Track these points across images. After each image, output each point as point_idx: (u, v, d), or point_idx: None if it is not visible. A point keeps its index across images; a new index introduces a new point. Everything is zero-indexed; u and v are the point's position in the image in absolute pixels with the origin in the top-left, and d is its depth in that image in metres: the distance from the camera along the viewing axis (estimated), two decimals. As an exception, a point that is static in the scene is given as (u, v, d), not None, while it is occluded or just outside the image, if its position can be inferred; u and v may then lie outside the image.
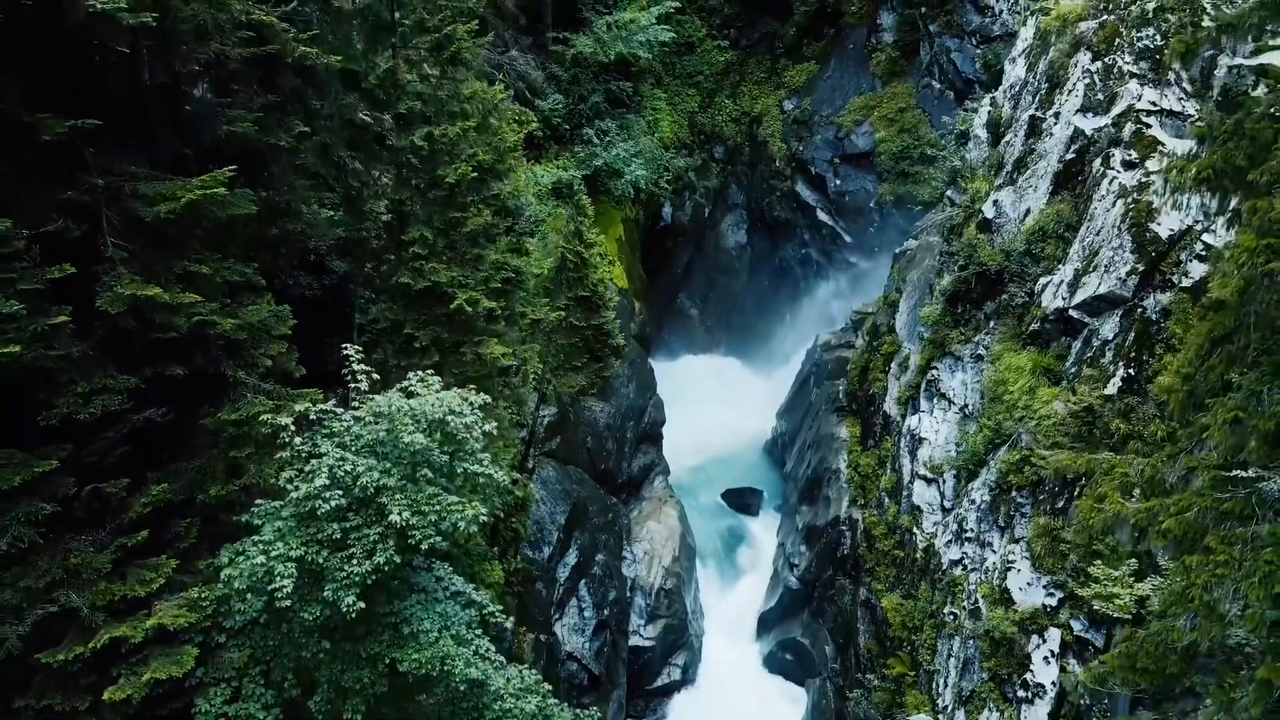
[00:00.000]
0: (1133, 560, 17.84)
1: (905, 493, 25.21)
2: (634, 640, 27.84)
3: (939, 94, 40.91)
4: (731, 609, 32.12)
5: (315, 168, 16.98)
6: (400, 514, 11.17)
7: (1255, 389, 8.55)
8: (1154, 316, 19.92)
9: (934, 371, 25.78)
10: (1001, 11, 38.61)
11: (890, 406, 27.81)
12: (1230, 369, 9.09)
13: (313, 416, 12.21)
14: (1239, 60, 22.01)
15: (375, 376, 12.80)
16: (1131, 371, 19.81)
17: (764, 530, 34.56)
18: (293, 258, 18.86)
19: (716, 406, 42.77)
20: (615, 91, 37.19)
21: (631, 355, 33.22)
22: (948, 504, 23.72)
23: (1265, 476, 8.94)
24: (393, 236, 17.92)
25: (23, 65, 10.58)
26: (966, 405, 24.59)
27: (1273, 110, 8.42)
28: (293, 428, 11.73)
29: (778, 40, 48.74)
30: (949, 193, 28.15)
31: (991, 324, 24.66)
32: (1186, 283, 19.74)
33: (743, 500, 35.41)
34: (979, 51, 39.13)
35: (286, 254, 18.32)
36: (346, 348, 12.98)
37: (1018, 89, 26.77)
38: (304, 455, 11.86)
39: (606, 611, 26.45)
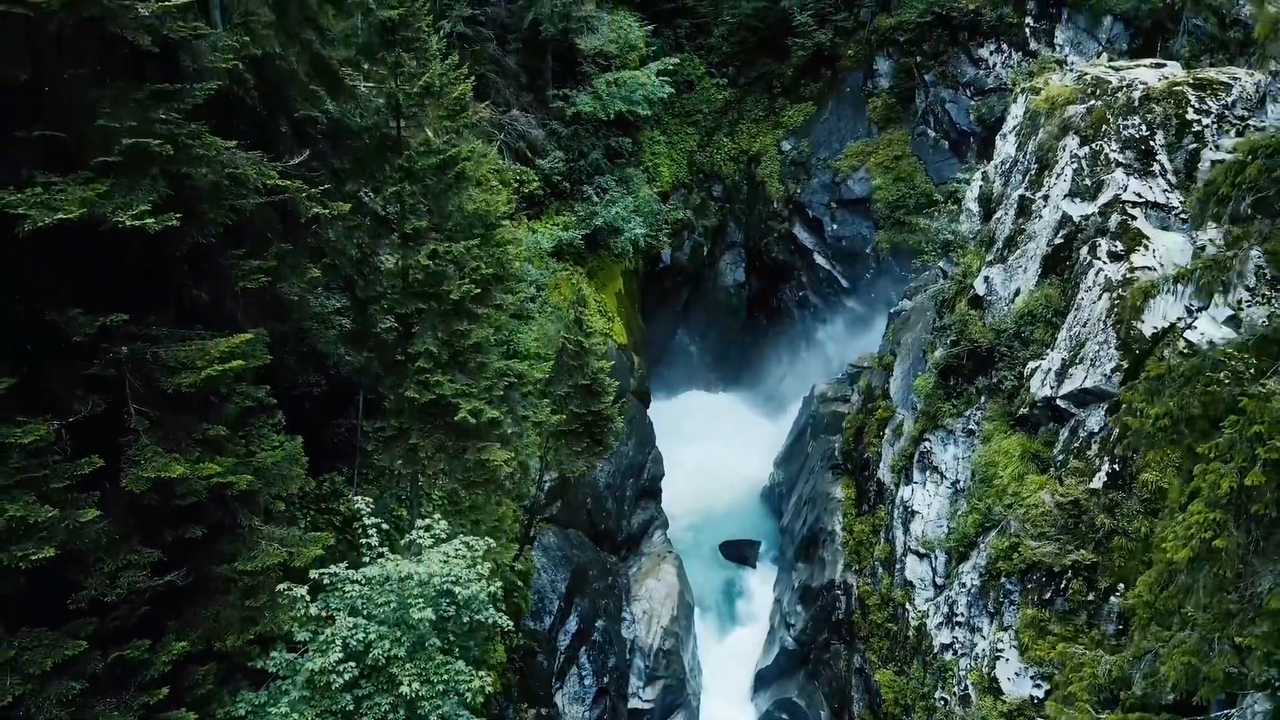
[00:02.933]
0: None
1: (898, 565, 25.79)
2: (633, 703, 28.43)
3: (934, 143, 41.50)
4: (728, 663, 32.70)
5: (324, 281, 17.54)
6: (410, 685, 11.75)
7: (1206, 636, 9.10)
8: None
9: (926, 443, 26.33)
10: (995, 65, 39.18)
11: (884, 474, 28.38)
12: (1186, 601, 9.67)
13: (326, 582, 12.78)
14: (1221, 154, 22.60)
15: (385, 527, 13.37)
16: (1116, 467, 20.36)
17: (761, 583, 35.15)
18: (302, 364, 19.50)
19: (715, 445, 43.41)
20: (615, 147, 37.70)
21: (631, 411, 33.80)
22: (939, 580, 24.30)
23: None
24: (399, 347, 18.46)
25: (52, 266, 11.12)
26: (958, 481, 25.15)
27: (1222, 376, 8.91)
28: (307, 598, 12.30)
29: (775, 80, 49.31)
30: (941, 263, 28.70)
31: (983, 399, 25.21)
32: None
33: (740, 552, 36.00)
34: (973, 103, 39.72)
35: (296, 363, 18.96)
36: (357, 499, 13.55)
37: (1008, 166, 27.31)
38: (317, 616, 12.43)
39: (606, 678, 27.04)
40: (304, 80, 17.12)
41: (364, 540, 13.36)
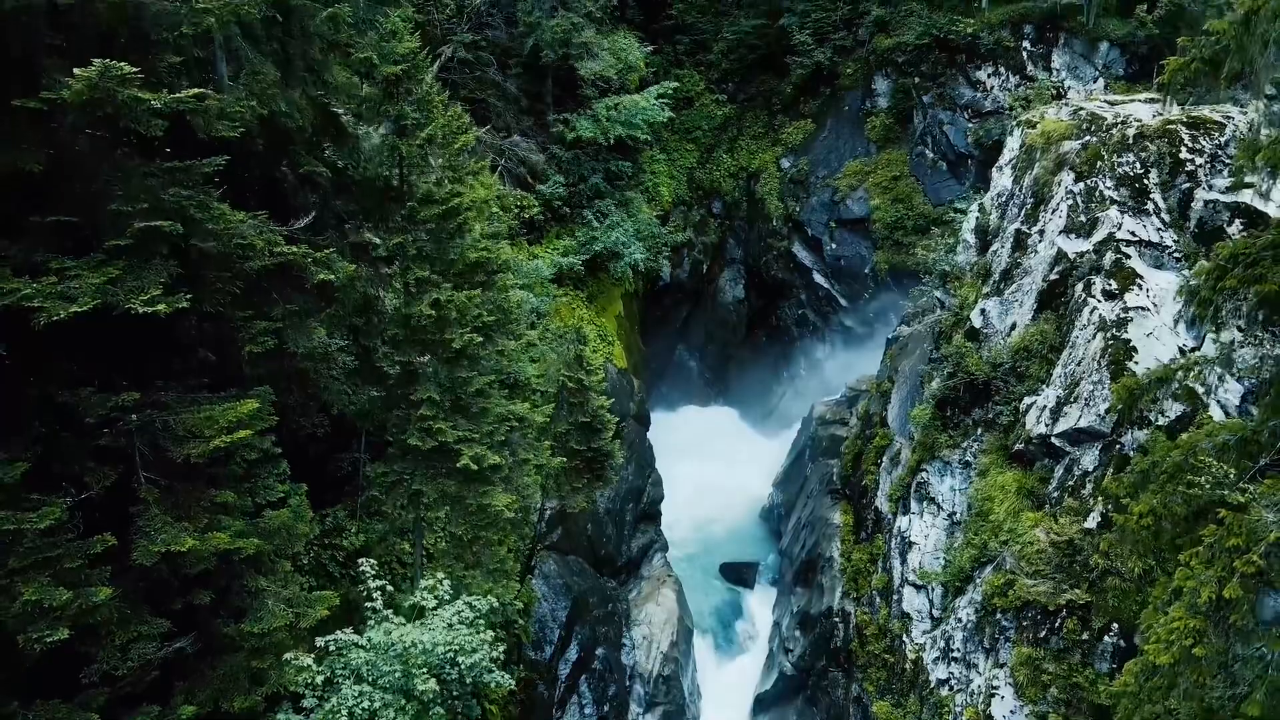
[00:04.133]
0: None
1: (896, 596, 26.05)
2: (633, 729, 28.70)
3: (932, 163, 41.72)
4: (728, 686, 32.95)
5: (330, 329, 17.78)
6: (414, 754, 12.06)
7: (1190, 733, 9.45)
8: (1131, 453, 20.71)
9: (923, 474, 26.59)
10: (993, 88, 39.40)
11: (882, 502, 28.63)
12: (1169, 695, 9.94)
13: (331, 650, 13.04)
14: (1214, 195, 22.88)
15: (390, 588, 13.63)
16: (1110, 508, 20.61)
17: (760, 605, 35.40)
18: (305, 406, 19.73)
19: (714, 462, 43.63)
20: (615, 170, 37.94)
21: (630, 435, 34.07)
22: (936, 613, 24.55)
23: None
24: (401, 392, 18.72)
25: (65, 348, 11.36)
26: (955, 513, 25.41)
27: (1203, 480, 9.15)
28: (314, 666, 12.57)
29: (775, 97, 49.56)
30: (938, 293, 28.95)
31: (979, 431, 25.48)
32: (1163, 421, 20.55)
33: (740, 574, 36.27)
34: (971, 125, 39.92)
35: (298, 404, 19.20)
36: (362, 562, 13.81)
37: (1004, 199, 27.56)
38: (324, 683, 12.70)
39: (606, 707, 27.29)
40: (309, 134, 17.36)
41: (368, 604, 13.61)
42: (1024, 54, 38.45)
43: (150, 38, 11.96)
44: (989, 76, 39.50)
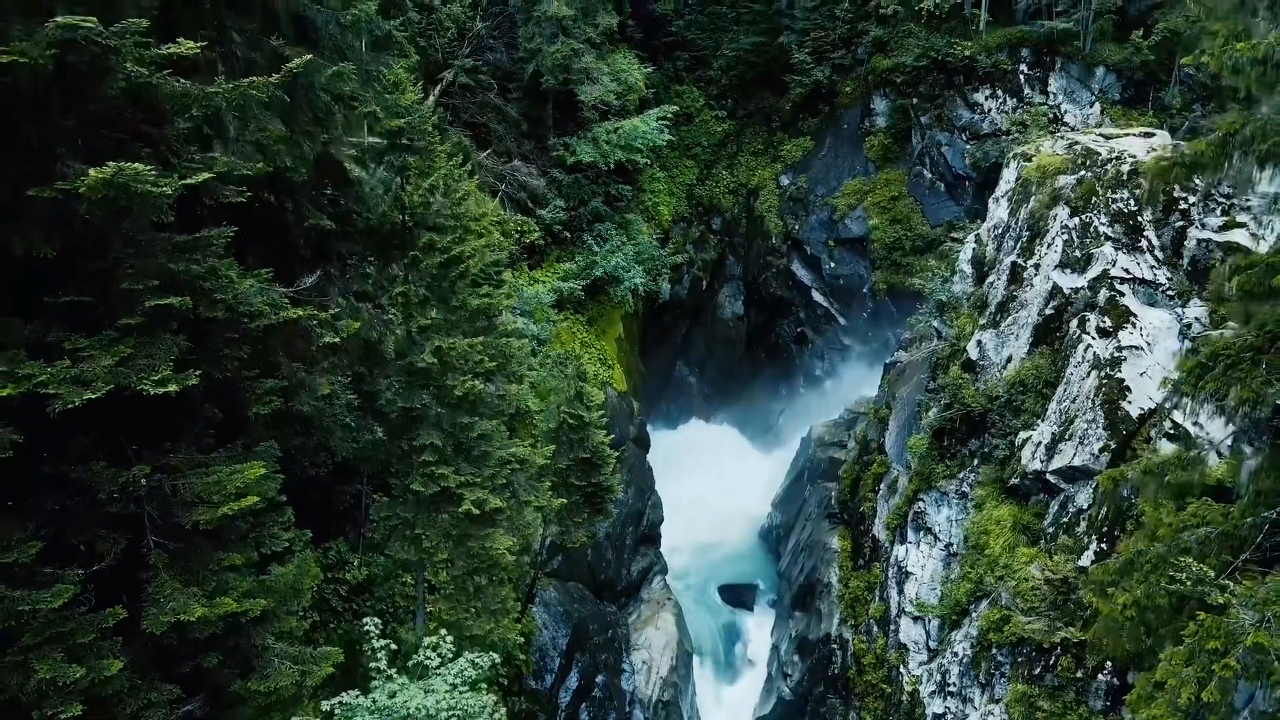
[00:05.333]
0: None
1: (893, 626, 26.31)
2: (633, 756, 28.96)
3: (930, 184, 41.97)
4: (727, 710, 33.25)
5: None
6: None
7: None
8: (1125, 492, 20.96)
9: (920, 503, 26.85)
10: (990, 110, 39.65)
11: (879, 530, 28.89)
12: None
13: (337, 713, 13.30)
14: (1208, 234, 23.13)
15: (394, 647, 13.90)
16: (1104, 546, 20.88)
17: (759, 627, 35.69)
18: (307, 449, 20.00)
19: (715, 480, 43.98)
20: (614, 194, 38.20)
21: (630, 459, 34.33)
22: (933, 645, 24.82)
23: None
24: (403, 437, 18.96)
25: (80, 427, 11.60)
26: (951, 543, 25.67)
27: (1183, 577, 9.40)
28: (321, 729, 12.87)
29: (774, 114, 49.83)
30: (935, 322, 29.20)
31: (976, 462, 25.73)
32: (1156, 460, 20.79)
33: (739, 596, 36.56)
34: (968, 147, 40.17)
35: (302, 449, 19.46)
36: (366, 621, 14.07)
37: (1001, 231, 27.81)
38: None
39: (606, 734, 27.58)
40: (313, 187, 17.62)
41: (373, 664, 13.88)
42: (1021, 77, 38.70)
43: (162, 113, 12.21)
44: (986, 99, 39.75)
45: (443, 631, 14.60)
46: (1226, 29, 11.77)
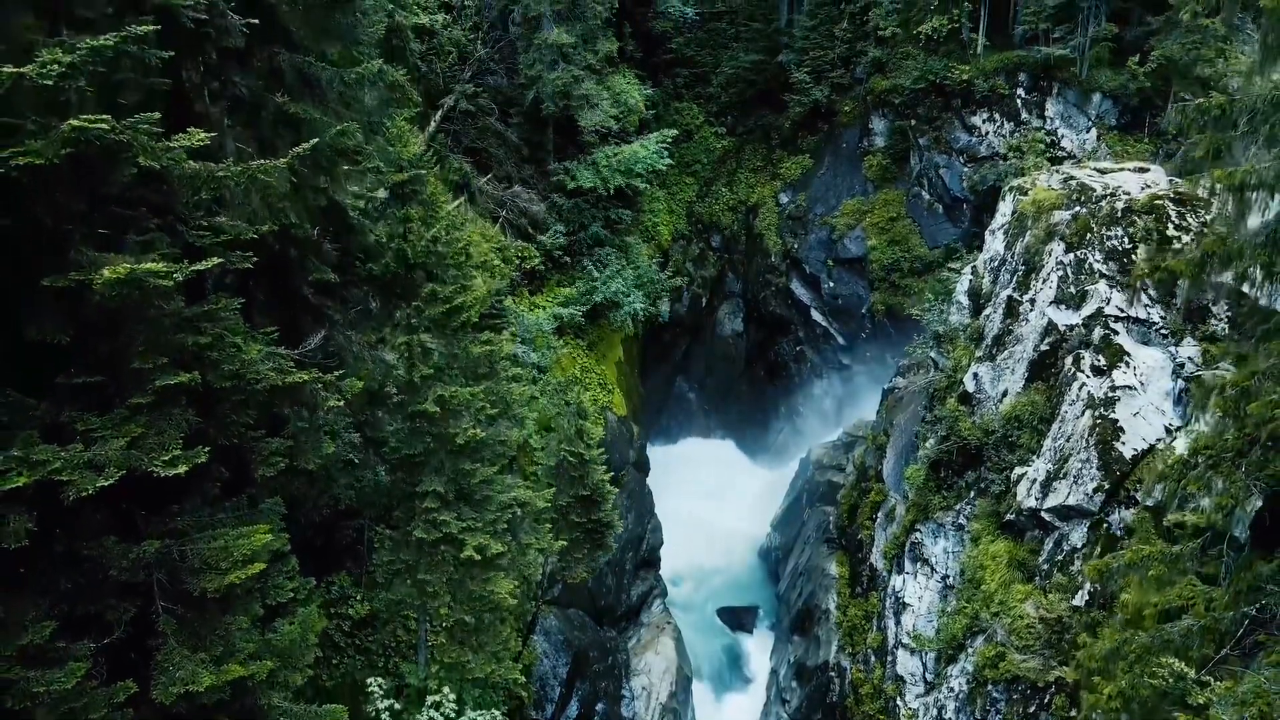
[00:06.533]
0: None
1: (890, 657, 26.58)
2: (633, 782, 29.23)
3: (928, 205, 42.19)
4: (727, 733, 33.53)
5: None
6: None
7: None
8: (1119, 533, 21.25)
9: (917, 534, 27.11)
10: (988, 133, 39.88)
11: (877, 558, 29.16)
12: None
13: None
14: (1202, 274, 23.35)
15: (398, 708, 14.18)
16: (1098, 586, 21.14)
17: (758, 649, 35.95)
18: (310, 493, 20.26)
19: (714, 498, 44.27)
20: (614, 218, 38.45)
21: (630, 484, 34.60)
22: (929, 677, 25.08)
23: None
24: (406, 483, 19.22)
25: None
26: (948, 576, 25.93)
27: (1165, 674, 9.67)
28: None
29: (773, 131, 50.08)
30: (932, 353, 29.46)
31: (972, 494, 25.99)
32: (1150, 501, 21.06)
33: (738, 619, 36.82)
34: (966, 170, 40.39)
35: (304, 496, 19.73)
36: (370, 683, 14.35)
37: (997, 264, 28.06)
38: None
39: (606, 763, 27.84)
40: (315, 236, 17.87)
41: (378, 724, 14.17)
42: (1018, 101, 38.93)
43: (173, 190, 12.48)
44: (984, 122, 39.98)
45: (445, 690, 14.86)
46: None
